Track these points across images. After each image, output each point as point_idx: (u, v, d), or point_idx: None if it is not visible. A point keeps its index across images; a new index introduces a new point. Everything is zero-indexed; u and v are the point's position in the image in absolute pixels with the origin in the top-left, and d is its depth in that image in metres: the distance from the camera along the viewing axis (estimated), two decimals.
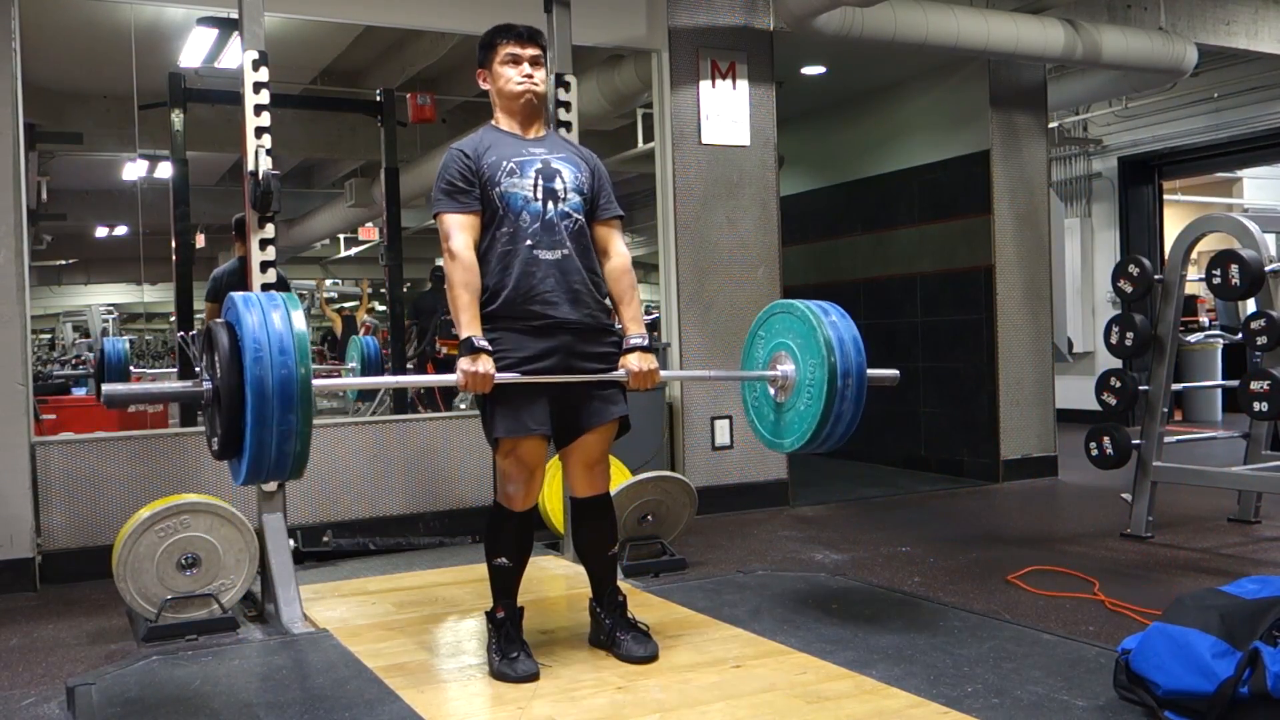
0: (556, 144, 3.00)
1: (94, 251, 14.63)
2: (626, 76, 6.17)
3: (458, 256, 2.76)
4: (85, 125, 8.03)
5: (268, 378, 2.38)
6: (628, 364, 2.87)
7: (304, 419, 2.42)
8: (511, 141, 2.92)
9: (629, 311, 2.93)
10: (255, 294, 2.56)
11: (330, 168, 11.47)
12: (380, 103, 6.46)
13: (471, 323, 2.73)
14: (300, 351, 2.43)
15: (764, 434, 3.30)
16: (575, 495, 3.02)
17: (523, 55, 2.91)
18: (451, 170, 2.83)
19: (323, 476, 4.79)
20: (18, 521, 4.27)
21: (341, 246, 15.80)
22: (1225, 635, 2.29)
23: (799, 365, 3.13)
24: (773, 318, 3.27)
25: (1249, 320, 4.51)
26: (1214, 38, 6.93)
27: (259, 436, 2.39)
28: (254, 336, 2.41)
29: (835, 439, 3.12)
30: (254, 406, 2.38)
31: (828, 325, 3.06)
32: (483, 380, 2.69)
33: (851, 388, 3.05)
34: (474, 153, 2.85)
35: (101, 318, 10.51)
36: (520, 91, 2.91)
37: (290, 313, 2.49)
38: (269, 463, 2.44)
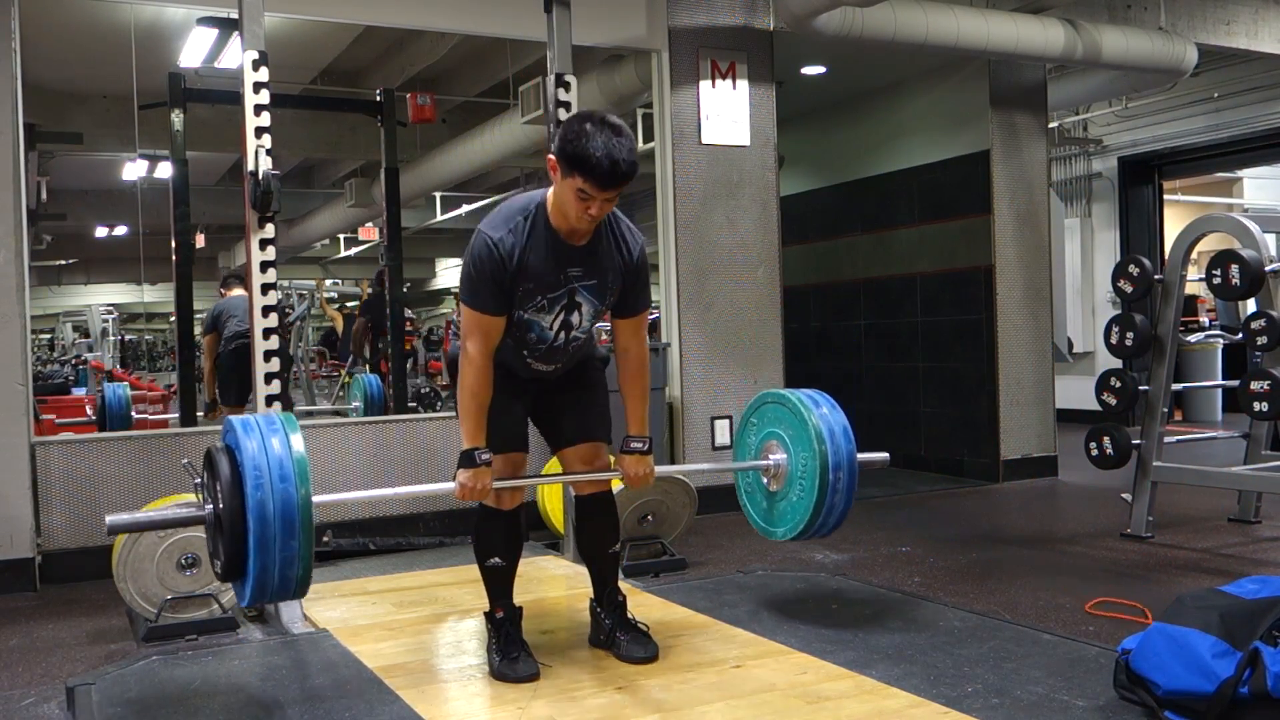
0: (596, 255, 2.75)
1: (94, 251, 14.65)
2: (626, 76, 6.17)
3: (475, 363, 2.71)
4: (85, 125, 8.04)
5: (269, 504, 2.41)
6: (623, 464, 2.91)
7: (306, 544, 2.45)
8: (552, 257, 2.70)
9: (636, 412, 2.91)
10: (254, 418, 2.58)
11: (330, 168, 11.48)
12: (380, 103, 6.46)
13: (475, 434, 2.73)
14: (300, 475, 2.45)
15: (757, 521, 3.35)
16: (578, 493, 3.04)
17: (596, 196, 2.59)
18: (485, 269, 2.66)
19: (323, 476, 4.78)
20: (18, 521, 4.27)
21: (341, 246, 15.81)
22: (1225, 635, 2.29)
23: (791, 455, 3.18)
24: (764, 406, 3.33)
25: (1249, 320, 4.51)
26: (1214, 38, 6.93)
27: (262, 562, 2.43)
28: (254, 463, 2.44)
29: (829, 528, 3.19)
30: (256, 533, 2.41)
31: (818, 416, 3.12)
32: (481, 494, 2.74)
33: (843, 480, 3.11)
34: (510, 258, 2.65)
35: (101, 318, 10.51)
36: (577, 221, 2.65)
37: (289, 436, 2.51)
38: (272, 586, 2.47)
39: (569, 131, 2.58)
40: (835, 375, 7.83)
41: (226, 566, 2.50)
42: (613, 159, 2.52)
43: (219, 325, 6.92)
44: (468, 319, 2.71)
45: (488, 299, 2.68)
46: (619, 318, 2.89)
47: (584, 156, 2.52)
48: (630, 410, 2.90)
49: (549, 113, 4.13)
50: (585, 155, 2.52)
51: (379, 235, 10.15)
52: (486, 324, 2.70)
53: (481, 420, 2.73)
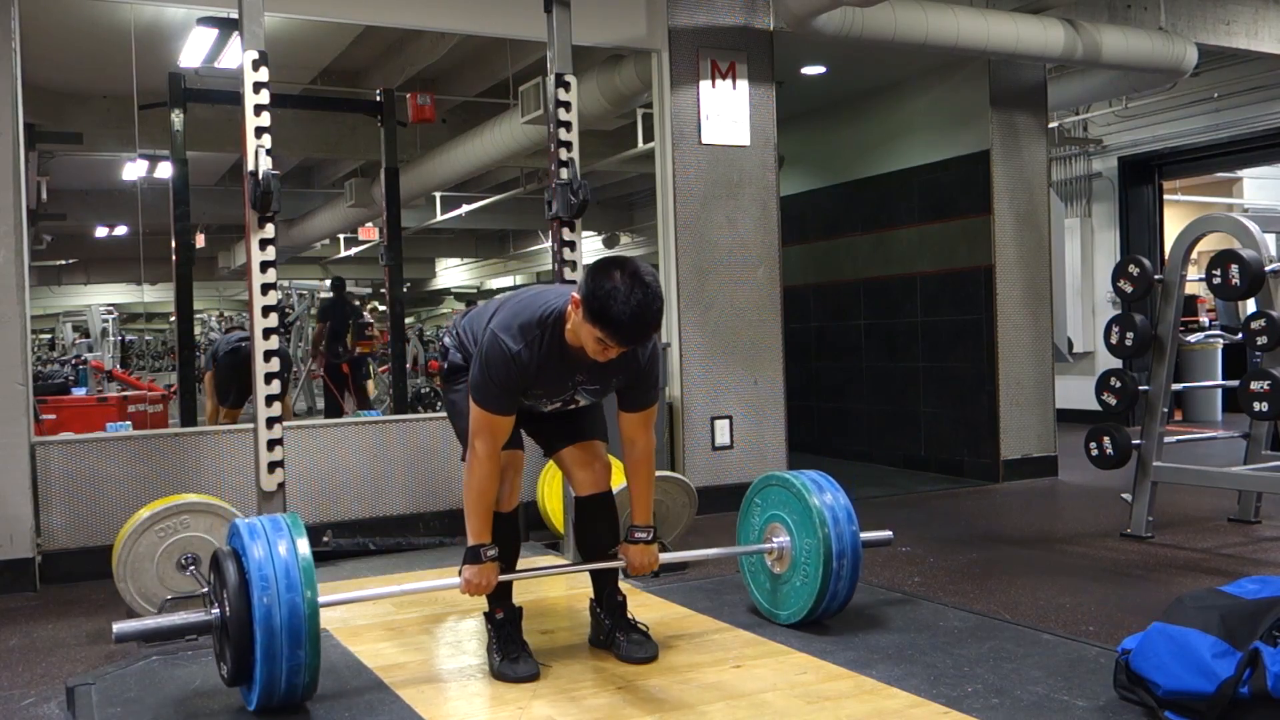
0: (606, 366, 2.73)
1: (94, 251, 14.65)
2: (626, 76, 6.17)
3: (483, 462, 2.71)
4: (85, 125, 8.03)
5: (276, 615, 2.42)
6: (627, 553, 2.92)
7: (312, 652, 2.47)
8: (563, 370, 2.73)
9: (641, 502, 2.93)
10: (260, 521, 2.58)
11: (330, 168, 11.47)
12: (380, 103, 6.46)
13: (481, 532, 2.74)
14: (307, 581, 2.46)
15: (761, 603, 3.35)
16: (577, 494, 3.04)
17: (614, 349, 2.57)
18: (501, 374, 2.67)
19: (323, 476, 4.79)
20: (18, 521, 4.26)
21: (341, 246, 15.81)
22: (1225, 635, 2.29)
23: (794, 538, 3.19)
24: (767, 488, 3.33)
25: (1249, 320, 4.51)
26: (1214, 38, 6.93)
27: (269, 670, 2.44)
28: (261, 572, 2.45)
29: (833, 612, 3.18)
30: (263, 645, 2.43)
31: (820, 500, 3.13)
32: (485, 589, 2.77)
33: (847, 563, 3.11)
34: (526, 372, 2.68)
35: (101, 318, 10.51)
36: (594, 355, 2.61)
37: (295, 540, 2.52)
38: (278, 694, 2.49)
39: (598, 285, 2.49)
40: (835, 375, 7.84)
41: (233, 672, 2.52)
42: (639, 321, 2.48)
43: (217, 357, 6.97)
44: (477, 418, 2.71)
45: (500, 403, 2.70)
46: (627, 411, 2.86)
47: (609, 317, 2.47)
48: (635, 501, 2.92)
49: (549, 113, 4.13)
50: (611, 316, 2.47)
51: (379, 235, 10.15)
52: (496, 424, 2.72)
53: (488, 519, 2.75)
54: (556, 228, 4.09)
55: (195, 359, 6.71)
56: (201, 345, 10.22)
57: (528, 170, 10.49)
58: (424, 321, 19.93)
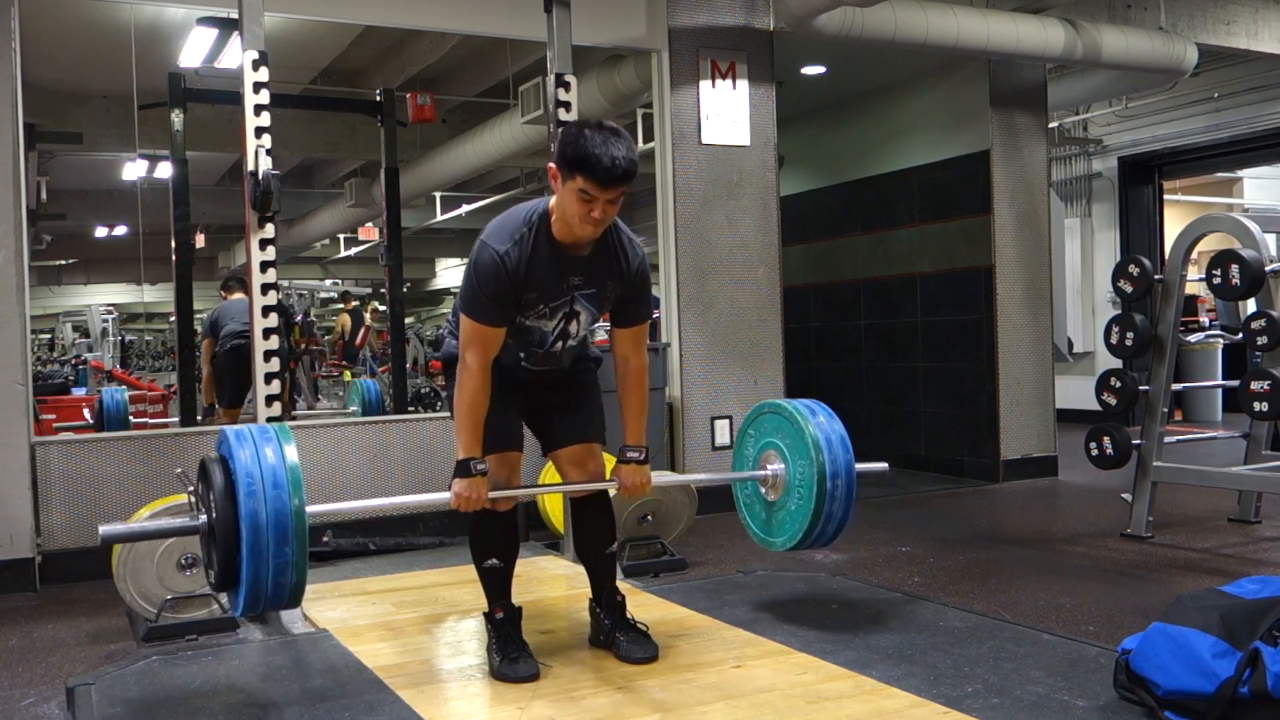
0: (596, 268, 2.76)
1: (94, 251, 14.66)
2: (626, 76, 6.18)
3: (473, 374, 2.71)
4: (85, 125, 8.04)
5: (262, 512, 2.41)
6: (620, 474, 2.91)
7: (299, 551, 2.45)
8: (555, 267, 2.72)
9: (633, 422, 2.91)
10: (248, 427, 2.58)
11: (330, 168, 11.48)
12: (380, 103, 6.46)
13: (471, 445, 2.73)
14: (293, 484, 2.45)
15: (756, 531, 3.34)
16: (572, 495, 3.03)
17: (599, 197, 2.58)
18: (489, 281, 2.66)
19: (323, 476, 4.79)
20: (18, 521, 4.27)
21: (341, 246, 15.82)
22: (1225, 635, 2.29)
23: (788, 465, 3.17)
24: (761, 417, 3.31)
25: (1249, 320, 4.51)
26: (1214, 38, 6.93)
27: (255, 571, 2.42)
28: (247, 471, 2.44)
29: (828, 537, 3.17)
30: (249, 541, 2.41)
31: (814, 425, 3.11)
32: (476, 503, 2.74)
33: (841, 489, 3.09)
34: (514, 271, 2.67)
35: (101, 318, 10.51)
36: (581, 228, 2.64)
37: (283, 445, 2.51)
38: (265, 595, 2.47)
39: (567, 136, 2.62)
40: (835, 375, 7.84)
41: (220, 576, 2.50)
42: (612, 157, 2.54)
43: (216, 330, 6.92)
44: (467, 329, 2.71)
45: (490, 312, 2.69)
46: (619, 327, 2.89)
47: (583, 156, 2.54)
48: (628, 420, 2.90)
49: (549, 113, 4.13)
50: (584, 154, 2.54)
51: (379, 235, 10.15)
52: (486, 335, 2.70)
53: (478, 431, 2.73)
54: None
55: (195, 359, 6.70)
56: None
57: (528, 170, 10.49)
58: (424, 321, 19.94)
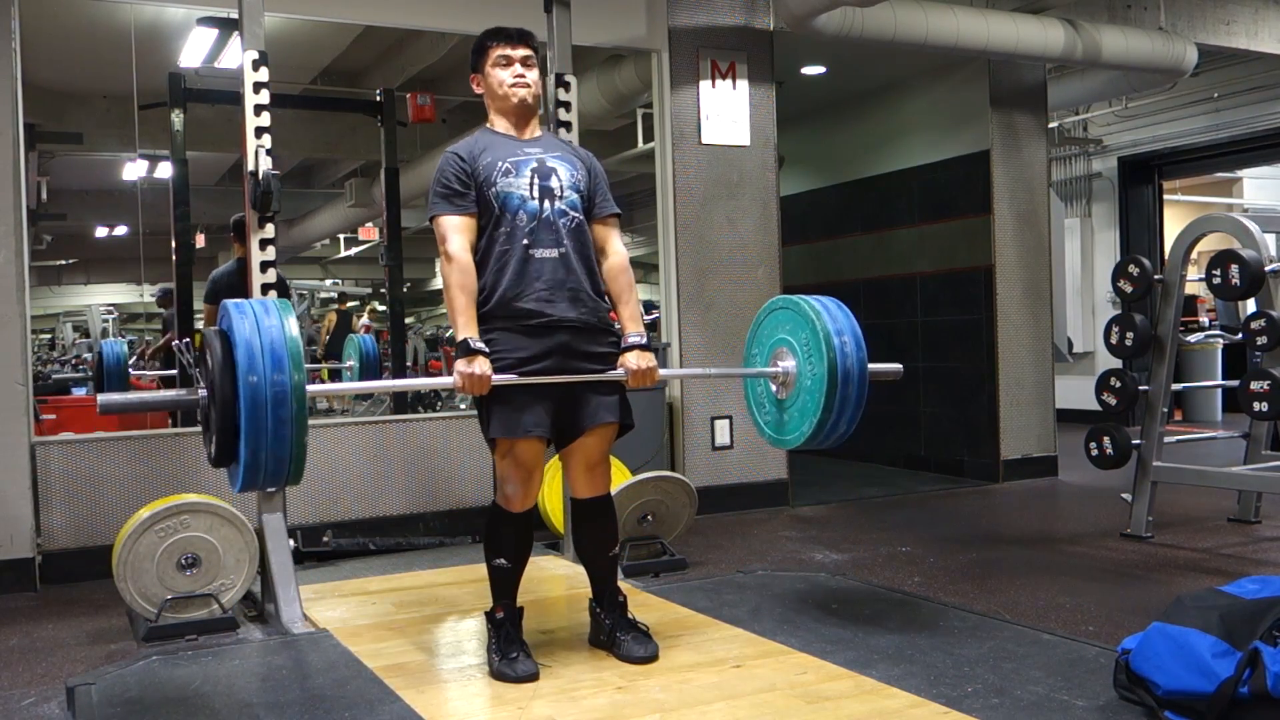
0: (552, 144, 3.01)
1: (94, 251, 14.63)
2: (626, 76, 6.17)
3: (454, 259, 2.76)
4: (85, 125, 8.03)
5: (262, 385, 2.39)
6: (626, 362, 2.87)
7: (299, 425, 2.43)
8: (507, 143, 2.92)
9: (627, 310, 2.93)
10: (249, 301, 2.56)
11: (330, 168, 11.47)
12: (380, 103, 6.46)
13: (468, 325, 2.73)
14: (294, 358, 2.43)
15: (767, 431, 3.28)
16: (576, 496, 3.02)
17: (513, 57, 2.90)
18: (447, 173, 2.83)
19: (323, 476, 4.79)
20: (18, 521, 4.27)
21: (341, 246, 15.81)
22: (1225, 635, 2.29)
23: (799, 361, 3.10)
24: (773, 313, 3.24)
25: (1249, 320, 4.51)
26: (1214, 38, 6.93)
27: (254, 444, 2.40)
28: (247, 344, 2.41)
29: (838, 435, 3.10)
30: (248, 414, 2.38)
31: (827, 319, 3.04)
32: (480, 382, 2.68)
33: (853, 383, 3.03)
34: (469, 155, 2.86)
35: (101, 318, 10.50)
36: (512, 93, 2.91)
37: (284, 319, 2.48)
38: (265, 469, 2.44)
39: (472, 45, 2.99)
40: None
41: (218, 451, 2.48)
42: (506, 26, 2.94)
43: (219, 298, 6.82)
44: (442, 228, 2.82)
45: (454, 198, 2.82)
46: (592, 220, 2.97)
47: (485, 33, 2.95)
48: (622, 309, 2.94)
49: (549, 112, 4.13)
50: (486, 32, 2.95)
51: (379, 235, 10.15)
52: (458, 223, 2.81)
53: (471, 310, 2.75)
54: None
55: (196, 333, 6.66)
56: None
57: None
58: (424, 321, 19.92)
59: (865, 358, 3.06)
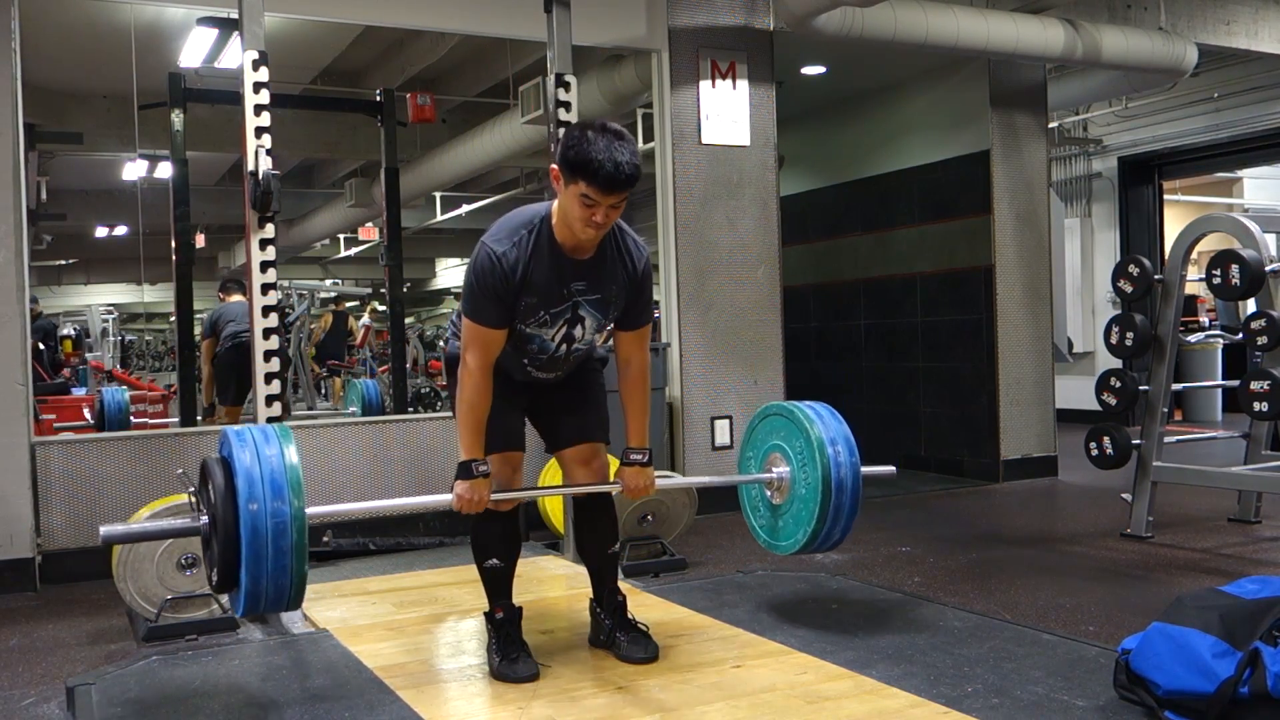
0: (600, 271, 2.73)
1: (94, 251, 14.65)
2: (626, 76, 6.17)
3: (474, 376, 2.69)
4: (85, 125, 8.03)
5: (262, 516, 2.41)
6: (623, 477, 2.90)
7: (298, 556, 2.45)
8: (556, 272, 2.69)
9: (635, 423, 2.90)
10: (248, 428, 2.58)
11: (330, 168, 11.48)
12: (380, 103, 6.46)
13: (473, 446, 2.72)
14: (294, 487, 2.45)
15: (762, 535, 3.33)
16: (576, 494, 3.03)
17: (601, 202, 2.56)
18: (488, 283, 2.64)
19: (323, 476, 4.79)
20: (18, 521, 4.27)
21: (341, 246, 15.81)
22: (1225, 635, 2.29)
23: (794, 468, 3.16)
24: (767, 419, 3.30)
25: (1249, 320, 4.51)
26: (1214, 38, 6.93)
27: (255, 574, 2.43)
28: (248, 475, 2.44)
29: (833, 542, 3.15)
30: (249, 544, 2.41)
31: (820, 427, 3.09)
32: (478, 505, 2.73)
33: (847, 493, 3.07)
34: (513, 273, 2.64)
35: (101, 318, 10.50)
36: (583, 232, 2.61)
37: (284, 448, 2.51)
38: (265, 597, 2.47)
39: (570, 138, 2.57)
40: (835, 375, 7.83)
41: (220, 578, 2.51)
42: (615, 161, 2.51)
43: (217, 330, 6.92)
44: (469, 331, 2.70)
45: (490, 313, 2.67)
46: (622, 330, 2.87)
47: (586, 160, 2.51)
48: (631, 422, 2.89)
49: (549, 113, 4.13)
50: (587, 159, 2.51)
51: (379, 235, 10.15)
52: (487, 337, 2.69)
53: (480, 433, 2.73)
54: None
55: (195, 359, 6.70)
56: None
57: (528, 170, 10.49)
58: (424, 321, 19.93)
59: (859, 463, 3.11)
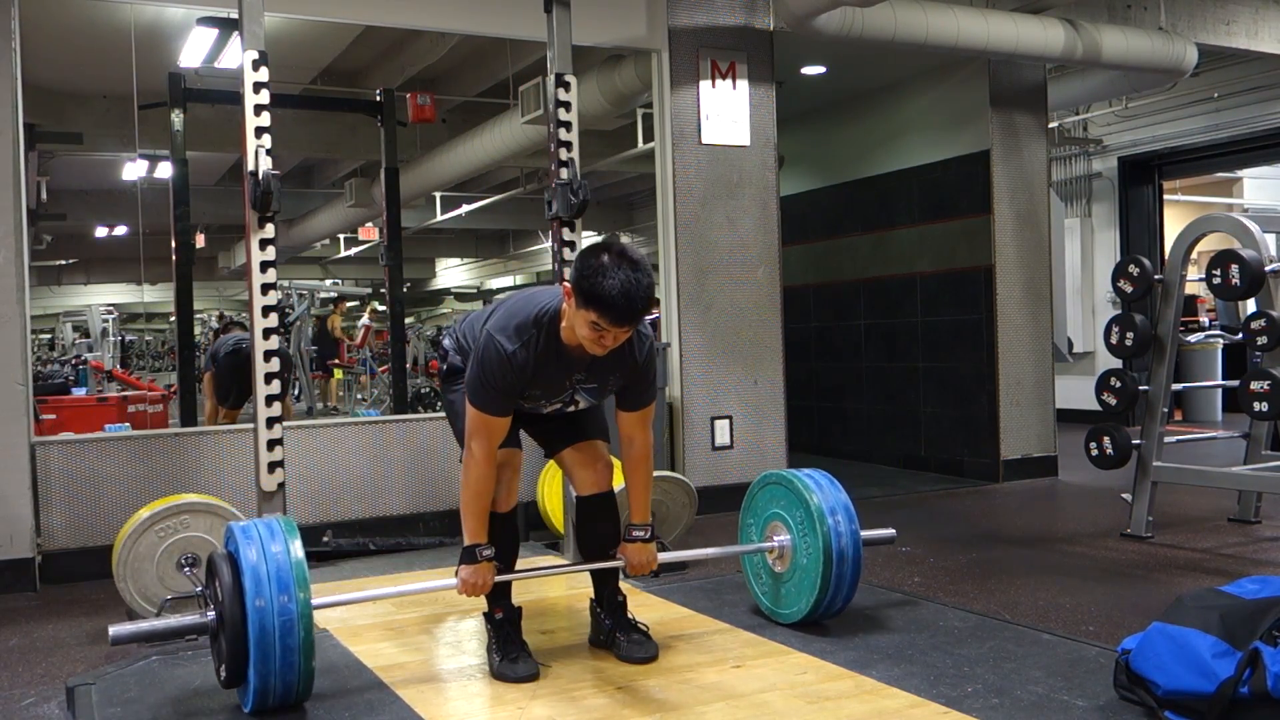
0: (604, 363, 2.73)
1: (94, 251, 14.66)
2: (626, 76, 6.17)
3: (479, 463, 2.72)
4: (85, 125, 8.03)
5: (269, 614, 2.45)
6: (626, 554, 2.92)
7: (305, 654, 2.49)
8: (560, 370, 2.73)
9: (639, 501, 2.92)
10: (254, 523, 2.60)
11: (330, 168, 11.48)
12: (380, 103, 6.46)
13: (478, 531, 2.75)
14: (300, 583, 2.49)
15: (764, 603, 3.33)
16: (579, 494, 3.03)
17: (609, 331, 2.55)
18: (497, 379, 2.66)
19: (323, 476, 4.79)
20: (18, 521, 4.26)
21: (341, 246, 15.82)
22: (1225, 635, 2.29)
23: (794, 537, 3.18)
24: (766, 488, 3.33)
25: (1249, 320, 4.51)
26: (1214, 38, 6.93)
27: (262, 671, 2.47)
28: (254, 573, 2.47)
29: (836, 609, 3.16)
30: (256, 643, 2.45)
31: (819, 496, 3.13)
32: (482, 589, 2.76)
33: (849, 560, 3.09)
34: (523, 372, 2.67)
35: (101, 318, 10.51)
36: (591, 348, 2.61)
37: (289, 543, 2.54)
38: (275, 694, 2.51)
39: (586, 266, 2.53)
40: (835, 375, 7.83)
41: (229, 674, 2.53)
42: (629, 298, 2.48)
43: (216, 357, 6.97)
44: (474, 419, 2.71)
45: (496, 405, 2.70)
46: (624, 410, 2.87)
47: (600, 295, 2.48)
48: (634, 499, 2.91)
49: (549, 113, 4.13)
50: (601, 294, 2.48)
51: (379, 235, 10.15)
52: (492, 425, 2.72)
53: (484, 519, 2.76)
54: (556, 228, 4.09)
55: (195, 359, 6.72)
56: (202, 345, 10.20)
57: (528, 170, 10.49)
58: (424, 321, 19.93)
59: (858, 530, 3.14)
